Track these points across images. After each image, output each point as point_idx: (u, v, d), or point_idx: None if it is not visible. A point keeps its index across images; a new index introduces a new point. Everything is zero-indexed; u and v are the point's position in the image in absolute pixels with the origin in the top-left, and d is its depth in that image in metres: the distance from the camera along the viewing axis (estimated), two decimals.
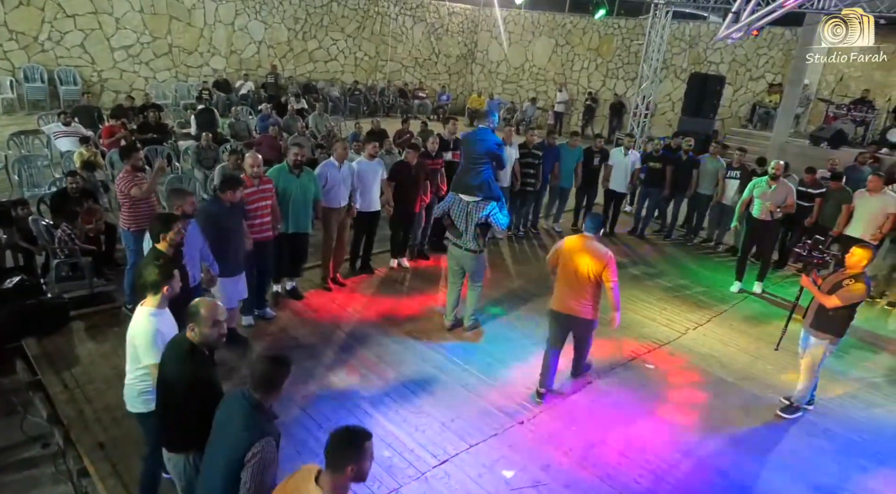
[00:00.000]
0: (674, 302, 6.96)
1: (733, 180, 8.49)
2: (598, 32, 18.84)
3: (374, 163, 6.50)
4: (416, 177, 6.72)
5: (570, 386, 5.04)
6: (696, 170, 8.77)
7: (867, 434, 4.73)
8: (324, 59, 18.07)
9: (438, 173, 7.27)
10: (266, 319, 5.64)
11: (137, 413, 3.20)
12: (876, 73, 14.64)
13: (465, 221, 5.36)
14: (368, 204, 6.50)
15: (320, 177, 5.92)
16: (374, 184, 6.48)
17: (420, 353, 5.34)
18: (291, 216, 5.63)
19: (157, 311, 3.02)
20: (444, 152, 7.46)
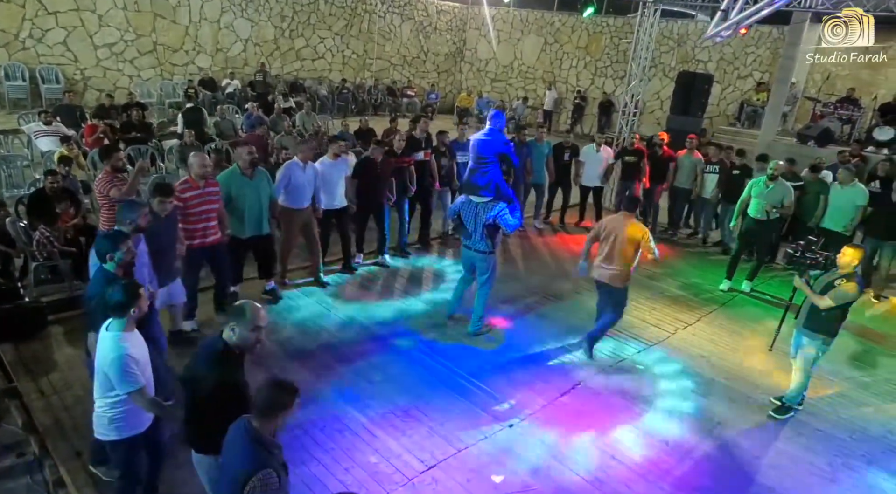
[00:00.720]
0: (663, 301, 6.93)
1: (712, 175, 8.63)
2: (586, 30, 18.82)
3: (339, 162, 6.39)
4: (382, 174, 6.70)
5: (558, 387, 4.99)
6: (672, 163, 8.91)
7: (858, 433, 4.71)
8: (311, 57, 17.91)
9: (407, 172, 7.18)
10: None
11: (109, 441, 3.05)
12: (863, 71, 14.73)
13: (474, 222, 5.37)
14: (332, 201, 6.38)
15: (284, 178, 5.80)
16: (338, 183, 6.39)
17: (407, 355, 5.26)
18: (248, 219, 5.43)
19: (125, 335, 2.88)
20: (416, 152, 7.35)
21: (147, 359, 3.02)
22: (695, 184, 8.80)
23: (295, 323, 5.63)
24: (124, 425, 2.98)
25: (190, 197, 4.83)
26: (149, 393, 2.95)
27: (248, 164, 5.32)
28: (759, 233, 7.14)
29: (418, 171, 7.35)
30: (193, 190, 4.85)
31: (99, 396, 2.98)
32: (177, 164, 8.81)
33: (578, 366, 5.33)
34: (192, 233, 4.89)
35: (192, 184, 4.86)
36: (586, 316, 6.28)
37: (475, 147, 5.46)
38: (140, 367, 2.89)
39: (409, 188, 7.24)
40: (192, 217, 4.87)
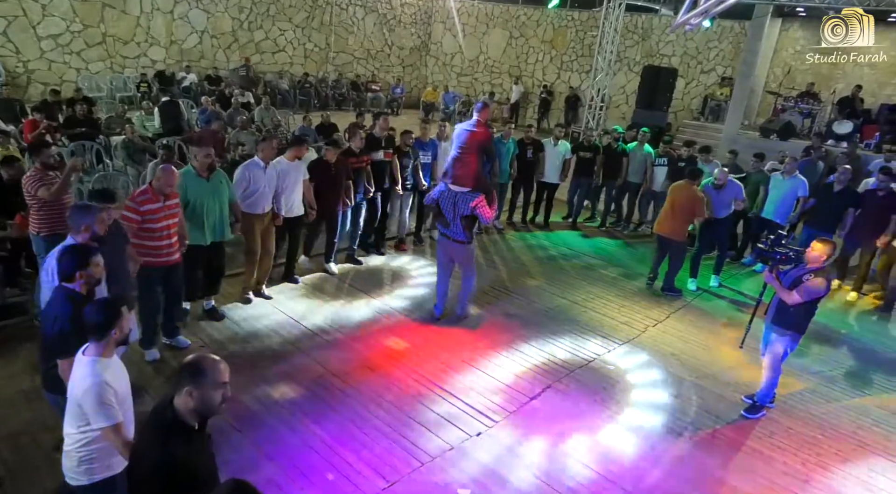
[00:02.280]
0: (632, 298, 6.81)
1: (661, 167, 8.72)
2: (551, 24, 18.74)
3: (297, 164, 5.84)
4: (337, 177, 6.18)
5: (530, 388, 4.79)
6: (625, 158, 8.94)
7: (829, 430, 4.64)
8: (271, 50, 17.38)
9: (364, 172, 6.70)
10: (180, 349, 4.85)
11: (78, 487, 2.63)
12: (822, 66, 14.97)
13: (453, 211, 5.33)
14: (290, 208, 5.88)
15: (243, 179, 5.35)
16: (297, 187, 5.88)
17: (367, 362, 4.99)
18: (209, 225, 4.96)
19: (105, 361, 2.52)
20: (375, 151, 6.91)
21: (127, 392, 2.64)
22: (645, 178, 8.88)
23: (240, 339, 5.22)
24: (98, 466, 2.59)
25: (150, 210, 4.30)
26: (126, 433, 2.53)
27: (204, 167, 4.86)
28: (717, 230, 7.08)
29: (378, 172, 6.92)
30: (153, 202, 4.31)
31: (70, 431, 2.58)
32: (124, 161, 8.32)
33: (547, 368, 5.14)
34: (154, 251, 4.39)
35: (153, 197, 4.32)
36: (552, 316, 6.15)
37: (459, 137, 5.44)
38: (118, 399, 2.51)
39: (367, 189, 6.78)
40: (155, 233, 4.36)
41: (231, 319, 5.48)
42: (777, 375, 4.68)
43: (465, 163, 5.32)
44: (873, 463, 4.31)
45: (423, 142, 7.47)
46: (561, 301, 6.57)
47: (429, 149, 7.45)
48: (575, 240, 8.89)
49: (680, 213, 6.58)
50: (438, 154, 7.53)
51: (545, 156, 8.76)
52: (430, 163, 7.45)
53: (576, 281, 7.18)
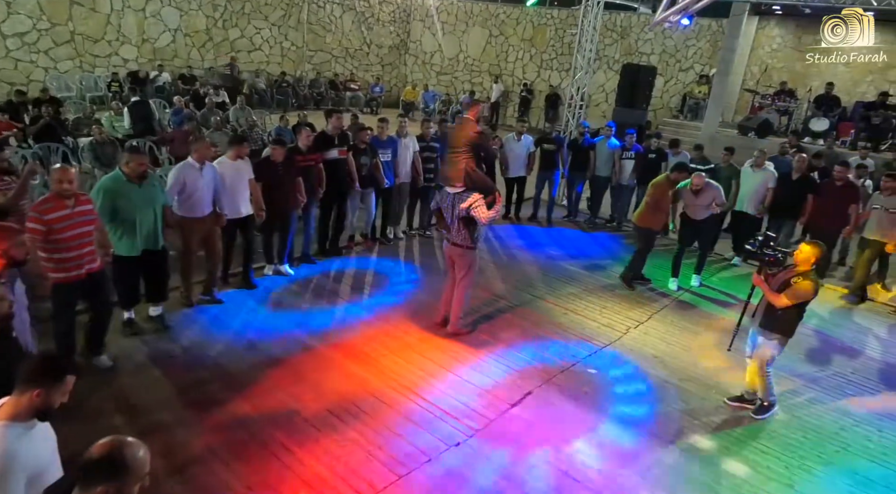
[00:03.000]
0: (613, 299, 6.74)
1: (628, 161, 8.82)
2: (531, 23, 18.67)
3: (240, 163, 5.63)
4: (284, 177, 5.98)
5: (508, 395, 4.67)
6: (592, 152, 8.95)
7: (812, 433, 4.60)
8: (247, 48, 17.08)
9: (313, 171, 6.44)
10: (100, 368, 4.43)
11: None
12: (797, 64, 15.11)
13: (451, 213, 5.22)
14: (236, 209, 5.64)
15: (176, 182, 5.09)
16: (241, 188, 5.65)
17: (342, 369, 4.84)
18: (142, 234, 4.67)
19: (18, 427, 2.02)
20: (329, 150, 6.63)
21: (48, 466, 2.16)
22: (613, 171, 8.91)
23: (196, 343, 5.00)
24: None
25: (56, 219, 3.92)
26: None
27: (135, 174, 4.54)
28: (699, 228, 7.03)
29: (333, 171, 6.63)
30: (59, 210, 3.94)
31: None
32: (91, 164, 8.05)
33: (528, 373, 5.04)
34: (63, 263, 4.01)
35: (57, 203, 3.94)
36: (532, 319, 6.04)
37: (450, 137, 5.40)
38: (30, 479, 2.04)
39: (316, 190, 6.51)
40: (62, 244, 3.98)
41: (183, 326, 5.24)
42: (768, 379, 4.62)
43: (454, 162, 5.18)
44: (857, 466, 4.27)
45: (382, 140, 7.21)
46: (540, 302, 6.47)
47: (388, 146, 7.23)
48: (550, 236, 8.82)
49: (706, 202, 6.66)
50: (399, 151, 7.36)
51: (506, 151, 8.74)
52: (390, 160, 7.26)
53: (555, 281, 7.10)
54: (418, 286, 6.62)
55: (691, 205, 6.81)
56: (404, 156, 7.45)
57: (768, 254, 4.54)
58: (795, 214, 7.45)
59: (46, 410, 2.10)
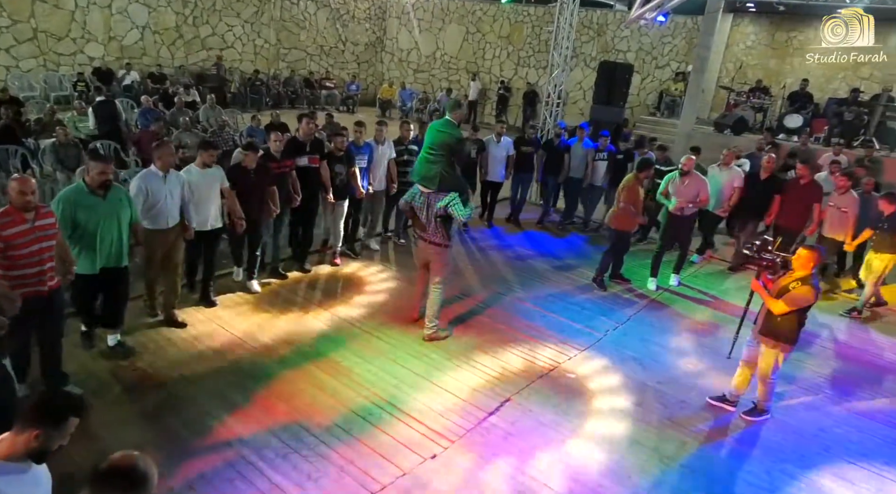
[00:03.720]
0: (591, 300, 6.66)
1: (601, 162, 8.79)
2: (508, 20, 18.57)
3: (210, 171, 5.28)
4: (257, 184, 5.65)
5: (488, 403, 4.55)
6: (567, 154, 8.85)
7: (791, 435, 4.55)
8: (219, 46, 16.71)
9: (288, 178, 6.13)
10: None
11: None
12: (771, 61, 15.23)
13: (426, 212, 5.19)
14: (204, 220, 5.28)
15: (139, 192, 4.73)
16: (211, 197, 5.30)
17: (314, 380, 4.66)
18: (103, 250, 4.29)
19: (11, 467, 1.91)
20: (300, 157, 6.28)
21: None
22: (586, 173, 8.87)
23: (161, 360, 4.74)
24: None
25: (14, 234, 3.63)
26: None
27: (97, 184, 4.18)
28: (681, 227, 6.99)
29: (304, 180, 6.27)
30: (19, 224, 3.64)
31: None
32: (53, 167, 7.74)
33: (505, 380, 4.91)
34: (23, 280, 3.70)
35: (16, 217, 3.64)
36: (509, 322, 5.92)
37: (428, 136, 5.28)
38: None
39: (292, 198, 6.19)
40: (22, 260, 3.68)
41: (146, 344, 4.93)
42: (772, 384, 4.55)
43: (431, 163, 5.16)
44: (836, 468, 4.23)
45: (359, 146, 6.85)
46: (518, 305, 6.36)
47: (364, 152, 6.86)
48: (525, 239, 8.70)
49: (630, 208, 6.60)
50: (375, 158, 7.02)
51: (487, 154, 8.50)
52: (365, 167, 6.90)
53: (532, 283, 7.00)
54: (391, 293, 6.42)
55: (680, 196, 6.75)
56: (380, 163, 7.15)
57: (766, 259, 4.46)
58: (761, 213, 7.44)
59: (43, 452, 1.97)
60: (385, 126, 7.23)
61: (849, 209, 6.90)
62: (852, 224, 6.90)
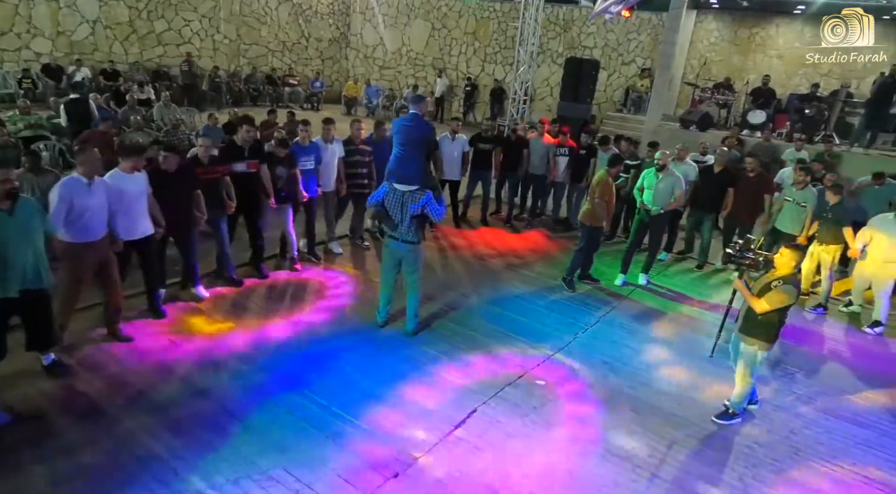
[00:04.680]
0: (560, 301, 6.51)
1: (563, 157, 8.68)
2: (473, 16, 18.39)
3: (137, 176, 4.88)
4: (180, 190, 5.26)
5: (454, 413, 4.35)
6: (525, 149, 8.70)
7: (762, 438, 4.46)
8: (175, 41, 16.12)
9: (220, 184, 5.71)
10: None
11: None
12: (734, 57, 15.38)
13: (401, 212, 5.08)
14: (132, 229, 4.86)
15: (62, 202, 4.31)
16: (139, 204, 4.90)
17: (270, 395, 4.39)
18: (16, 271, 3.84)
19: None
20: (237, 162, 5.87)
21: None
22: (548, 168, 8.75)
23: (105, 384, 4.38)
24: None
25: None
26: None
27: (2, 196, 3.74)
28: (654, 225, 6.92)
29: (242, 186, 5.87)
30: None
31: None
32: None
33: (472, 389, 4.72)
34: None
35: None
36: (476, 326, 5.73)
37: (401, 134, 5.14)
38: None
39: (227, 203, 5.78)
40: None
41: (87, 363, 4.59)
42: (749, 384, 4.51)
43: (410, 159, 5.06)
44: (808, 470, 4.16)
45: (304, 146, 6.46)
46: (484, 308, 6.18)
47: (311, 153, 6.47)
48: (489, 237, 8.50)
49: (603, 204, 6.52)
50: (324, 159, 6.61)
51: (441, 153, 8.19)
52: (313, 168, 6.51)
53: (498, 284, 6.82)
54: (354, 298, 6.17)
55: (656, 190, 6.71)
56: (330, 164, 6.73)
57: (749, 258, 4.40)
58: (716, 207, 7.53)
59: None
60: (332, 124, 6.80)
61: (807, 204, 6.91)
62: (810, 219, 6.90)
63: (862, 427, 4.73)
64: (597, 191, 6.51)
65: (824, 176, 8.36)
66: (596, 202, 6.50)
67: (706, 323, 6.30)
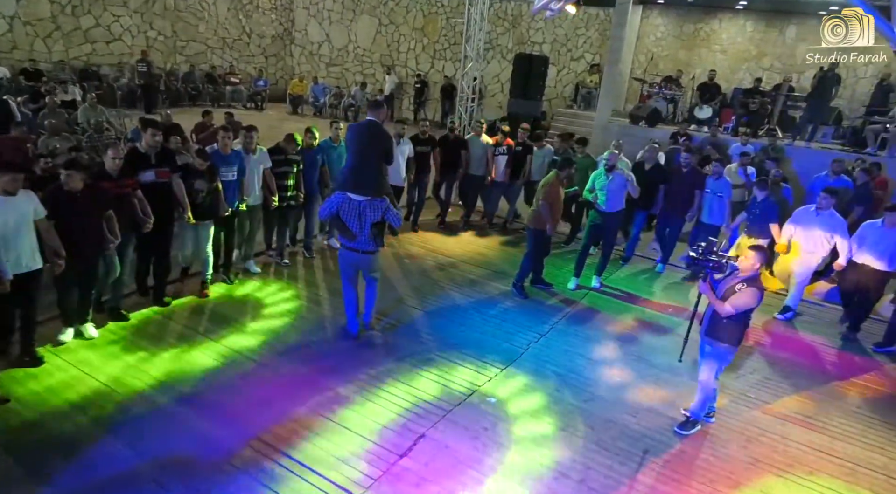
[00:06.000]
0: (511, 309, 6.27)
1: (502, 157, 8.47)
2: (421, 11, 18.02)
3: (19, 199, 4.14)
4: (86, 211, 4.57)
5: (398, 442, 4.04)
6: (464, 150, 8.47)
7: (719, 450, 4.32)
8: (105, 39, 15.18)
9: (132, 199, 5.04)
10: None
11: None
12: (680, 51, 15.51)
13: (359, 222, 4.96)
14: (15, 263, 4.15)
15: None
16: (22, 233, 4.17)
17: (191, 429, 3.98)
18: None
19: None
20: (144, 172, 5.21)
21: None
22: (487, 169, 8.56)
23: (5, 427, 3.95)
24: None
25: None
26: None
27: None
28: (607, 226, 6.76)
29: (154, 198, 5.20)
30: None
31: None
32: None
33: (419, 411, 4.42)
34: None
35: None
36: (422, 340, 5.42)
37: (358, 141, 4.97)
38: None
39: (142, 222, 5.11)
40: None
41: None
42: (711, 389, 4.40)
43: (366, 167, 4.93)
44: (765, 483, 4.03)
45: (224, 154, 5.81)
46: (431, 319, 5.88)
47: (233, 162, 5.85)
48: (431, 243, 8.18)
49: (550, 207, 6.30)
50: (247, 168, 6.00)
51: None
52: (235, 180, 5.87)
53: (444, 294, 6.53)
54: (293, 317, 5.73)
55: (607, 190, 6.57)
56: (254, 175, 6.13)
57: (712, 261, 4.25)
58: (648, 204, 7.52)
59: None
60: (255, 132, 6.26)
61: (723, 194, 7.23)
62: (730, 209, 7.29)
63: (815, 431, 4.66)
64: (541, 194, 6.29)
65: (769, 171, 8.43)
66: (540, 204, 6.28)
67: (661, 326, 6.19)
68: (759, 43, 14.67)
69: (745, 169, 8.42)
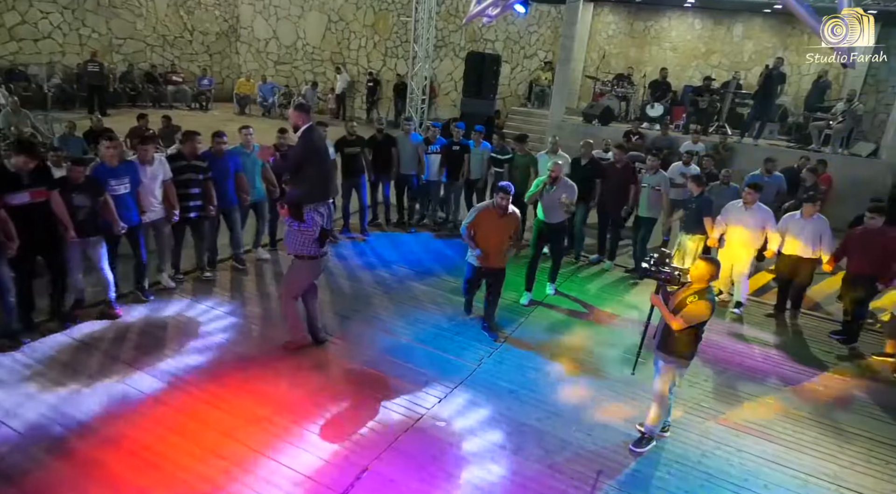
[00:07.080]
0: (462, 322, 6.01)
1: (434, 155, 8.33)
2: (371, 8, 17.61)
3: None
4: None
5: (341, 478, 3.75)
6: (394, 148, 8.23)
7: (675, 466, 4.19)
8: (32, 36, 14.28)
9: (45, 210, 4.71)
10: None
11: None
12: (631, 49, 15.58)
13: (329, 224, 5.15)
14: None
15: None
16: None
17: (107, 477, 3.60)
18: None
19: None
20: (14, 193, 4.65)
21: None
22: (418, 168, 8.38)
23: None
24: None
25: None
26: None
27: None
28: (553, 233, 6.58)
29: (27, 221, 4.72)
30: None
31: None
32: None
33: (364, 441, 4.14)
34: None
35: None
36: (367, 359, 5.13)
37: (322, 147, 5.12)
38: None
39: (61, 237, 4.85)
40: None
41: None
42: (666, 405, 4.26)
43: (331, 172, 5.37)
44: None
45: (112, 167, 5.35)
46: (377, 336, 5.60)
47: (124, 174, 5.41)
48: (376, 249, 7.92)
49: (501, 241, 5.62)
50: (143, 180, 5.59)
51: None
52: (129, 192, 5.46)
53: (391, 305, 6.26)
54: (214, 339, 5.31)
55: (548, 202, 6.36)
56: (150, 187, 5.68)
57: (664, 273, 4.09)
58: (585, 198, 7.55)
59: None
60: (151, 143, 5.83)
61: (660, 188, 7.35)
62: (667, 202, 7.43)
63: (769, 441, 4.58)
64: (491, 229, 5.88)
65: (719, 170, 8.45)
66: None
67: (616, 336, 6.07)
68: (708, 41, 14.86)
69: (689, 167, 8.39)
